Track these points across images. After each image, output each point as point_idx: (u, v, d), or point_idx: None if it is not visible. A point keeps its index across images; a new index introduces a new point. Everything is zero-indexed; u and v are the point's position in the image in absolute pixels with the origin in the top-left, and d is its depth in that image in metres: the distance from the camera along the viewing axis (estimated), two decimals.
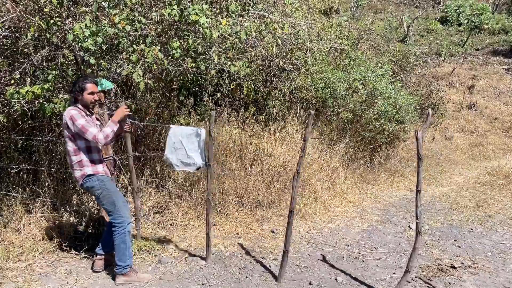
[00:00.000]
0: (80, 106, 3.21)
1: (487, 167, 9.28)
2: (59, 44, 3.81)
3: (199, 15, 3.93)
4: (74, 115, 3.09)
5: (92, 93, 3.21)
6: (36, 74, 3.87)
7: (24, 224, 3.91)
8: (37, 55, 3.80)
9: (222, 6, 4.93)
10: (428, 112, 3.29)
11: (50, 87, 3.67)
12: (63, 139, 4.43)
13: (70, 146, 3.18)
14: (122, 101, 3.73)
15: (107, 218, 3.69)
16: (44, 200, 4.19)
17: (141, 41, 4.01)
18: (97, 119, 3.48)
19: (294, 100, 7.14)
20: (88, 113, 3.25)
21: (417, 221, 3.35)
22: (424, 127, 3.35)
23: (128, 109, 3.40)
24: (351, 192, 6.41)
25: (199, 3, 4.33)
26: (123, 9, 3.86)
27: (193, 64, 4.32)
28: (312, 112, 3.35)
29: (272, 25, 5.07)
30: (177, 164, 3.63)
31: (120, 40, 3.73)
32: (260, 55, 5.15)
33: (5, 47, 3.89)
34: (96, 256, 3.51)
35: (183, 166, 3.63)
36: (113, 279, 3.36)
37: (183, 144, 3.56)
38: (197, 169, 3.61)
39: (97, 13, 3.67)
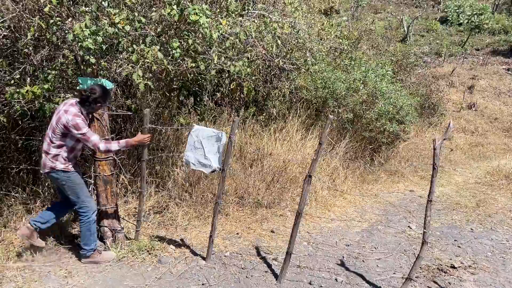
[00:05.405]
0: (84, 111, 3.31)
1: (487, 167, 9.28)
2: (59, 44, 3.81)
3: (199, 15, 3.93)
4: (79, 124, 3.17)
5: (101, 108, 3.44)
6: (36, 74, 3.87)
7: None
8: (37, 55, 3.79)
9: (222, 6, 4.93)
10: (449, 124, 3.20)
11: (50, 87, 3.67)
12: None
13: (56, 139, 3.24)
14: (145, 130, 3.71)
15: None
16: (44, 200, 4.18)
17: (141, 41, 4.01)
18: (97, 118, 3.58)
19: (294, 100, 7.14)
20: (88, 117, 3.42)
21: (424, 230, 3.26)
22: (444, 138, 3.25)
23: (149, 139, 3.59)
24: (351, 192, 6.41)
25: (199, 3, 4.33)
26: (122, 8, 3.86)
27: (193, 64, 4.32)
28: (331, 116, 3.37)
29: (272, 25, 5.07)
30: (194, 163, 3.70)
31: (120, 40, 3.73)
32: (260, 55, 5.14)
33: (5, 47, 3.88)
34: (28, 223, 3.46)
35: (200, 166, 3.69)
36: (79, 259, 3.60)
37: (202, 144, 3.62)
38: (212, 171, 3.67)
39: (97, 13, 3.67)
